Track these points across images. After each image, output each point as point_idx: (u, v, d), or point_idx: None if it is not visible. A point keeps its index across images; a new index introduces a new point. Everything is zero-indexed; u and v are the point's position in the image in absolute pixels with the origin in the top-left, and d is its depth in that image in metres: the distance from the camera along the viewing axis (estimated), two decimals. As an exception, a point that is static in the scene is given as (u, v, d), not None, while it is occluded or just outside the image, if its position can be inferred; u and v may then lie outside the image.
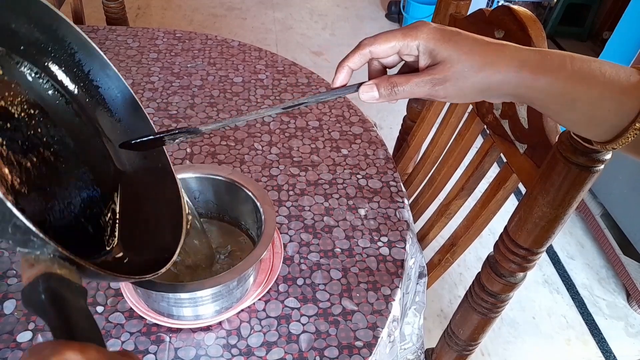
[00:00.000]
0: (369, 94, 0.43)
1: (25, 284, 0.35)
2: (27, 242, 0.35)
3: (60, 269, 0.36)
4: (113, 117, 0.56)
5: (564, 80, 0.40)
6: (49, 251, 0.35)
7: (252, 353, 0.60)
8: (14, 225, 0.34)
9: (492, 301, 0.70)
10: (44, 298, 0.34)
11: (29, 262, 0.36)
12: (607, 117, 0.40)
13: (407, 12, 2.84)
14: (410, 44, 0.42)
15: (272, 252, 0.69)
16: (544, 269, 1.68)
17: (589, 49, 2.86)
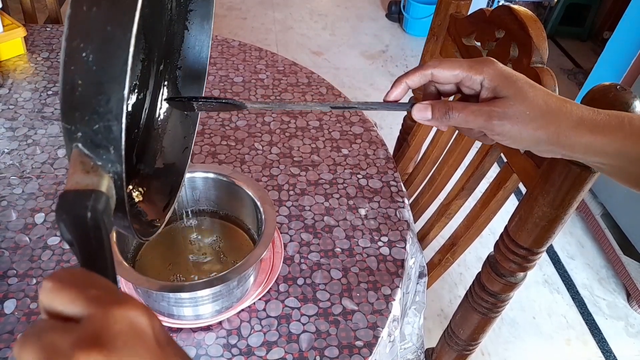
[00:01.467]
0: (422, 114, 0.42)
1: (69, 188, 0.31)
2: (101, 148, 0.32)
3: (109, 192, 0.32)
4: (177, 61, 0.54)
5: (621, 140, 0.39)
6: (113, 170, 0.32)
7: (253, 353, 0.60)
8: (107, 127, 0.31)
9: (493, 301, 0.70)
10: (89, 216, 0.30)
11: (85, 167, 0.32)
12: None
13: (408, 12, 2.84)
14: (475, 77, 0.41)
15: (272, 251, 0.69)
16: (544, 268, 1.68)
17: (589, 48, 2.86)
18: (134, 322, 0.24)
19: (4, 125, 0.89)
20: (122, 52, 0.30)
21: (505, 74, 0.40)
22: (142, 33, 0.51)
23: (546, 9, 2.84)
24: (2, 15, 1.05)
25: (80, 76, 0.30)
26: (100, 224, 0.30)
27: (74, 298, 0.24)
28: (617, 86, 0.49)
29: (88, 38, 0.30)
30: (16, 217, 0.73)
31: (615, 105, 0.48)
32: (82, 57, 0.30)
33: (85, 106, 0.31)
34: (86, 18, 0.30)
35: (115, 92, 0.30)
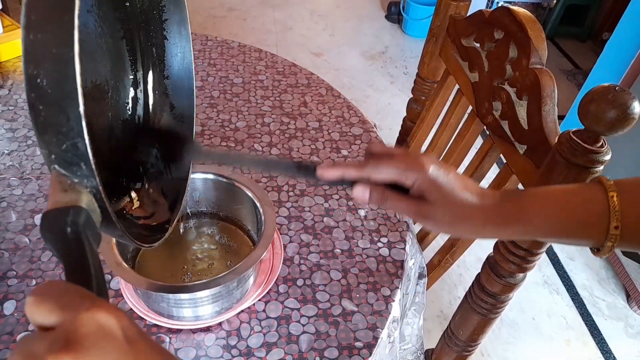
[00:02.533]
0: (360, 195, 0.47)
1: (50, 208, 0.33)
2: (73, 166, 0.33)
3: (89, 206, 0.33)
4: (164, 71, 0.56)
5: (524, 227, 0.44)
6: (89, 185, 0.34)
7: (252, 354, 0.60)
8: (74, 144, 0.32)
9: (492, 302, 0.70)
10: (69, 231, 0.32)
11: (63, 186, 0.33)
12: (578, 241, 0.44)
13: (407, 13, 2.84)
14: (407, 182, 0.45)
15: (272, 252, 0.69)
16: (544, 269, 1.68)
17: (588, 49, 2.86)
18: (101, 323, 0.26)
19: (3, 127, 0.89)
20: (70, 70, 0.31)
21: (433, 180, 0.45)
22: (127, 51, 0.52)
23: (545, 9, 2.84)
24: (2, 16, 1.05)
25: (40, 101, 0.32)
26: (81, 237, 0.32)
27: (50, 309, 0.26)
28: (616, 87, 0.49)
29: (39, 63, 0.32)
30: (16, 218, 0.73)
31: (614, 105, 0.48)
32: (37, 83, 0.32)
33: (51, 129, 0.32)
34: (34, 44, 0.32)
35: (72, 110, 0.31)
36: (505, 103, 0.71)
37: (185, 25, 0.53)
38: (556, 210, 0.43)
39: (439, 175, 0.45)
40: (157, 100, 0.56)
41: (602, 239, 0.41)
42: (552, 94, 0.62)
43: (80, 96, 0.31)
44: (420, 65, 1.00)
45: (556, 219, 0.43)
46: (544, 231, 0.44)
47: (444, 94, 0.93)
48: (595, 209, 0.41)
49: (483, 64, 0.77)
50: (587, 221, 0.42)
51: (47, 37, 0.32)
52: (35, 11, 0.32)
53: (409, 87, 1.12)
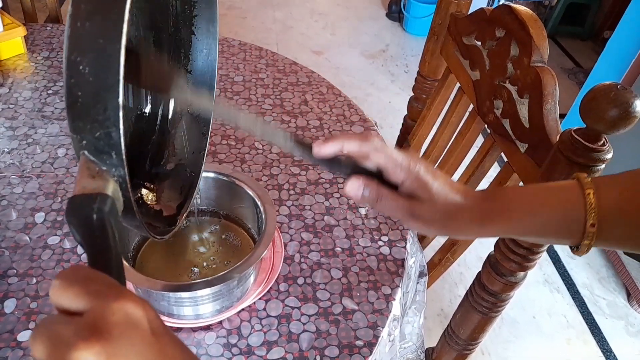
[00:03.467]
0: (354, 190, 0.46)
1: (77, 193, 0.33)
2: (104, 154, 0.34)
3: (115, 194, 0.34)
4: (187, 66, 0.56)
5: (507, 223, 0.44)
6: (117, 174, 0.34)
7: (253, 352, 0.60)
8: (107, 133, 0.33)
9: (493, 300, 0.69)
10: (94, 218, 0.32)
11: (91, 172, 0.34)
12: (557, 238, 0.44)
13: (408, 11, 2.83)
14: (399, 175, 0.45)
15: (272, 251, 0.69)
16: (545, 268, 1.68)
17: (589, 48, 2.86)
18: (129, 314, 0.26)
19: (4, 125, 0.89)
20: (114, 63, 0.32)
21: (424, 179, 0.45)
22: (152, 41, 0.52)
23: (546, 8, 2.84)
24: (2, 14, 1.05)
25: (79, 88, 0.33)
26: (105, 224, 0.32)
27: (77, 294, 0.26)
28: (617, 85, 0.49)
29: (83, 51, 0.32)
30: (16, 217, 0.73)
31: (616, 104, 0.48)
32: (79, 70, 0.32)
33: (87, 116, 0.33)
34: (81, 33, 0.32)
35: (111, 101, 0.32)
36: (507, 101, 0.71)
37: (214, 23, 0.54)
38: (534, 207, 0.43)
39: (428, 175, 0.45)
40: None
41: (580, 237, 0.41)
42: (554, 92, 0.62)
43: (121, 88, 0.32)
44: (421, 63, 1.00)
45: (535, 216, 0.43)
46: (524, 228, 0.44)
47: (445, 93, 0.93)
48: (572, 206, 0.41)
49: (484, 62, 0.77)
50: (564, 219, 0.42)
51: (95, 28, 0.32)
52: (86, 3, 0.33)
53: (409, 85, 1.11)
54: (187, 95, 0.53)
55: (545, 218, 0.43)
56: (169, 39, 0.55)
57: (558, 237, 0.43)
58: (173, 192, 0.55)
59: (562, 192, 0.43)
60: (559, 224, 0.42)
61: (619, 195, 0.40)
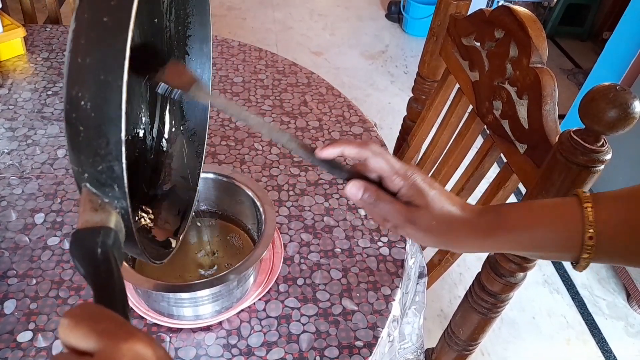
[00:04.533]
0: (353, 192, 0.46)
1: (80, 227, 0.34)
2: (106, 187, 0.34)
3: (117, 226, 0.34)
4: None
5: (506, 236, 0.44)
6: (119, 206, 0.34)
7: (253, 353, 0.60)
8: (110, 167, 0.33)
9: (492, 301, 0.70)
10: (99, 252, 0.32)
11: (94, 205, 0.34)
12: (556, 253, 0.44)
13: (407, 12, 2.84)
14: (397, 181, 0.46)
15: (272, 252, 0.69)
16: (544, 268, 1.68)
17: (588, 49, 2.86)
18: (139, 354, 0.27)
19: (3, 126, 0.89)
20: (116, 98, 0.32)
21: (421, 186, 0.45)
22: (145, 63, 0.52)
23: (546, 9, 2.84)
24: (1, 15, 1.05)
25: (81, 122, 0.33)
26: (109, 257, 0.33)
27: (86, 333, 0.27)
28: (616, 86, 0.49)
29: (85, 86, 0.32)
30: (16, 218, 0.73)
31: (615, 105, 0.48)
32: (81, 105, 0.32)
33: (89, 149, 0.33)
34: (82, 67, 0.32)
35: (114, 135, 0.32)
36: (506, 102, 0.71)
37: (207, 43, 0.54)
38: (534, 222, 0.43)
39: (425, 184, 0.46)
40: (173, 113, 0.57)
41: (579, 251, 0.41)
42: (553, 93, 0.62)
43: (123, 122, 0.32)
44: (421, 64, 1.00)
45: (534, 231, 0.43)
46: (524, 243, 0.44)
47: (444, 93, 0.93)
48: (571, 221, 0.41)
49: (483, 63, 0.77)
50: (563, 234, 0.42)
51: (96, 63, 0.32)
52: (86, 36, 0.33)
53: (409, 86, 1.12)
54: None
55: (544, 233, 0.43)
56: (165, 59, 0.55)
57: (558, 252, 0.44)
58: (170, 214, 0.55)
59: (561, 207, 0.43)
60: (559, 238, 0.42)
61: (618, 209, 0.40)
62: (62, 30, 1.17)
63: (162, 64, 0.48)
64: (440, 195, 0.46)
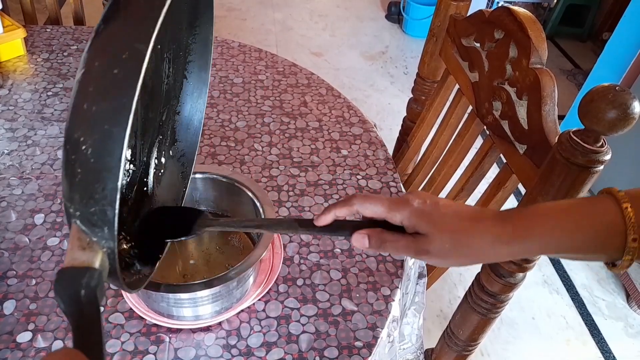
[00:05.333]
0: (360, 243, 0.46)
1: (67, 265, 0.34)
2: (96, 227, 0.35)
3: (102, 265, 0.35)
4: (176, 107, 0.58)
5: (538, 242, 0.42)
6: (107, 246, 0.35)
7: (252, 353, 0.60)
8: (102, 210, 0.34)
9: (492, 301, 0.70)
10: (82, 294, 0.33)
11: (82, 243, 0.35)
12: (593, 256, 0.42)
13: (407, 13, 2.84)
14: (395, 218, 0.45)
15: (271, 252, 0.69)
16: (544, 269, 1.68)
17: (588, 49, 2.86)
18: None
19: (3, 126, 0.89)
20: (117, 149, 0.32)
21: (420, 212, 0.44)
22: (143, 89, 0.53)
23: (546, 9, 2.84)
24: (2, 16, 1.05)
25: (79, 165, 0.33)
26: (92, 299, 0.34)
27: None
28: (616, 87, 0.49)
29: (88, 133, 0.33)
30: (16, 218, 0.73)
31: (614, 105, 0.48)
32: (81, 149, 0.33)
33: (84, 191, 0.34)
34: (87, 114, 0.33)
35: (111, 183, 0.33)
36: (506, 103, 0.71)
37: (206, 71, 0.55)
38: (570, 226, 0.41)
39: (425, 207, 0.44)
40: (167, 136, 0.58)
41: (619, 252, 0.39)
42: (552, 93, 0.62)
43: (121, 172, 0.33)
44: (421, 65, 1.00)
45: (571, 233, 0.41)
46: (559, 247, 0.42)
47: (444, 94, 0.93)
48: (609, 221, 0.39)
49: (483, 64, 0.77)
50: (601, 234, 0.40)
51: (102, 112, 0.33)
52: (94, 85, 0.33)
53: (409, 87, 1.12)
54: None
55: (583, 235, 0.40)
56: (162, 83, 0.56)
57: (595, 253, 0.41)
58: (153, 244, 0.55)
59: (596, 207, 0.41)
60: (597, 239, 0.40)
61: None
62: (63, 31, 1.17)
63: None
64: (445, 215, 0.44)
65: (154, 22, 0.33)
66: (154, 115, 0.55)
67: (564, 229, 0.41)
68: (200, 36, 0.53)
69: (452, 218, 0.43)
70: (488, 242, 0.42)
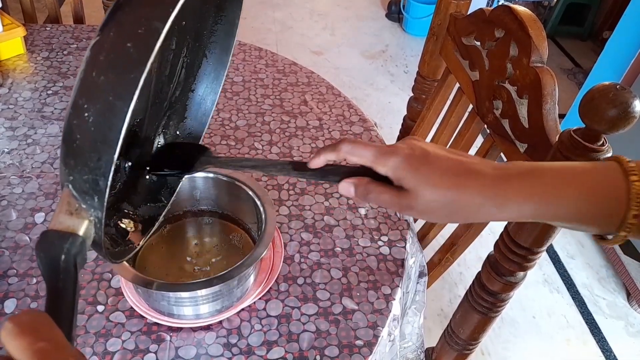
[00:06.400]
0: (346, 190, 0.45)
1: (51, 227, 0.35)
2: (87, 195, 0.35)
3: (86, 233, 0.35)
4: (191, 84, 0.58)
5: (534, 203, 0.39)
6: (95, 215, 0.35)
7: (253, 352, 0.60)
8: (95, 180, 0.34)
9: (492, 300, 0.70)
10: (62, 259, 0.33)
11: (70, 208, 0.35)
12: (590, 226, 0.39)
13: (407, 11, 2.84)
14: (380, 168, 0.43)
15: (272, 251, 0.69)
16: (544, 268, 1.68)
17: (589, 48, 2.86)
18: None
19: (3, 125, 0.89)
20: (118, 122, 0.32)
21: (406, 165, 0.41)
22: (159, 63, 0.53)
23: (546, 8, 2.84)
24: (1, 14, 1.05)
25: (79, 131, 0.33)
26: (71, 267, 0.33)
27: (24, 347, 0.26)
28: (617, 86, 0.49)
29: (92, 101, 0.33)
30: (16, 217, 0.73)
31: (615, 104, 0.48)
32: (84, 116, 0.33)
33: (80, 157, 0.34)
34: (94, 83, 0.33)
35: (107, 154, 0.33)
36: (506, 102, 0.71)
37: (228, 53, 0.56)
38: (571, 190, 0.38)
39: (413, 159, 0.41)
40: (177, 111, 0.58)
41: (616, 226, 0.37)
42: (553, 92, 0.62)
43: (119, 146, 0.32)
44: (421, 63, 1.00)
45: (571, 200, 0.38)
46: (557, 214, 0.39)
47: (444, 93, 0.93)
48: (613, 192, 0.37)
49: (484, 63, 0.77)
50: (603, 205, 0.37)
51: (108, 84, 0.33)
52: (106, 55, 0.33)
53: (409, 85, 1.12)
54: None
55: (584, 203, 0.38)
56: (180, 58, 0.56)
57: (589, 225, 0.39)
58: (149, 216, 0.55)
59: (600, 175, 0.38)
60: (598, 211, 0.38)
61: None
62: (62, 30, 1.17)
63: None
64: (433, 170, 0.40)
65: (175, 2, 0.33)
66: (167, 88, 0.55)
67: (564, 197, 0.38)
68: (227, 18, 0.53)
69: (440, 173, 0.40)
70: (477, 204, 0.40)
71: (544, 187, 0.39)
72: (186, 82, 0.57)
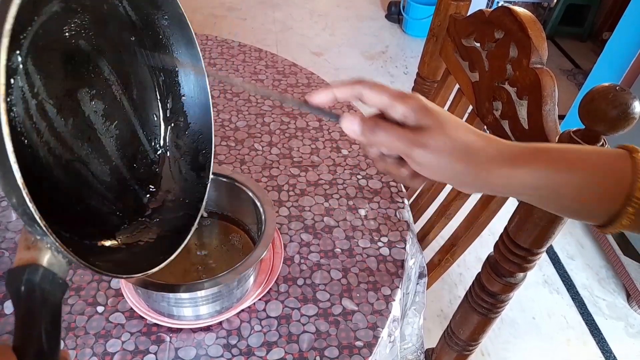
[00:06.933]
0: (350, 124, 0.42)
1: (13, 265, 0.35)
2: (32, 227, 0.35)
3: (50, 260, 0.36)
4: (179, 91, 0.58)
5: (538, 170, 0.39)
6: (48, 241, 0.35)
7: (253, 353, 0.60)
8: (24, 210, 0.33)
9: (492, 301, 0.70)
10: (22, 290, 0.34)
11: (27, 243, 0.36)
12: (595, 204, 0.39)
13: (407, 12, 2.84)
14: (398, 107, 0.41)
15: (272, 252, 0.69)
16: (544, 269, 1.68)
17: (588, 49, 2.86)
18: None
19: (4, 126, 0.89)
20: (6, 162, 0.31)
21: (428, 107, 0.40)
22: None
23: (546, 9, 2.84)
24: None
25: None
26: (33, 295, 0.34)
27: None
28: (616, 87, 0.49)
29: None
30: (16, 218, 0.73)
31: (615, 105, 0.48)
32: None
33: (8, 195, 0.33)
34: None
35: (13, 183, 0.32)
36: (506, 103, 0.71)
37: (193, 45, 0.54)
38: (577, 164, 0.39)
39: (433, 106, 0.40)
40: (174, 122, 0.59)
41: (621, 205, 0.37)
42: (553, 93, 0.62)
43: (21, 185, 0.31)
44: (421, 64, 1.00)
45: (576, 173, 0.38)
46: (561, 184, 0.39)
47: (444, 94, 0.93)
48: (618, 165, 0.37)
49: (483, 64, 0.77)
50: (607, 177, 0.38)
51: None
52: None
53: (409, 86, 1.12)
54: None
55: (588, 176, 0.38)
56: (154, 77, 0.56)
57: (596, 204, 0.39)
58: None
59: (610, 155, 0.39)
60: (602, 186, 0.38)
61: None
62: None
63: None
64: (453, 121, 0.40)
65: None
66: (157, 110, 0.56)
67: (570, 168, 0.39)
68: (170, 13, 0.52)
69: (459, 125, 0.40)
70: (490, 157, 0.40)
71: (549, 158, 0.40)
72: (174, 91, 0.57)
